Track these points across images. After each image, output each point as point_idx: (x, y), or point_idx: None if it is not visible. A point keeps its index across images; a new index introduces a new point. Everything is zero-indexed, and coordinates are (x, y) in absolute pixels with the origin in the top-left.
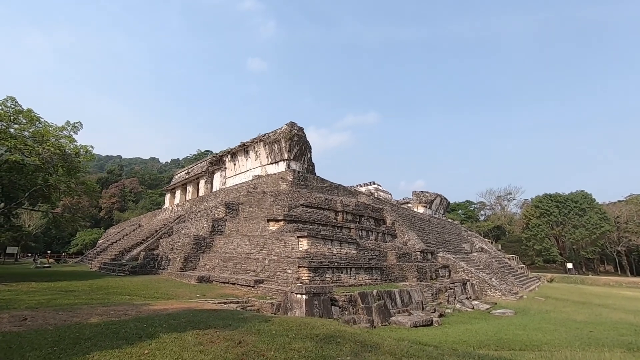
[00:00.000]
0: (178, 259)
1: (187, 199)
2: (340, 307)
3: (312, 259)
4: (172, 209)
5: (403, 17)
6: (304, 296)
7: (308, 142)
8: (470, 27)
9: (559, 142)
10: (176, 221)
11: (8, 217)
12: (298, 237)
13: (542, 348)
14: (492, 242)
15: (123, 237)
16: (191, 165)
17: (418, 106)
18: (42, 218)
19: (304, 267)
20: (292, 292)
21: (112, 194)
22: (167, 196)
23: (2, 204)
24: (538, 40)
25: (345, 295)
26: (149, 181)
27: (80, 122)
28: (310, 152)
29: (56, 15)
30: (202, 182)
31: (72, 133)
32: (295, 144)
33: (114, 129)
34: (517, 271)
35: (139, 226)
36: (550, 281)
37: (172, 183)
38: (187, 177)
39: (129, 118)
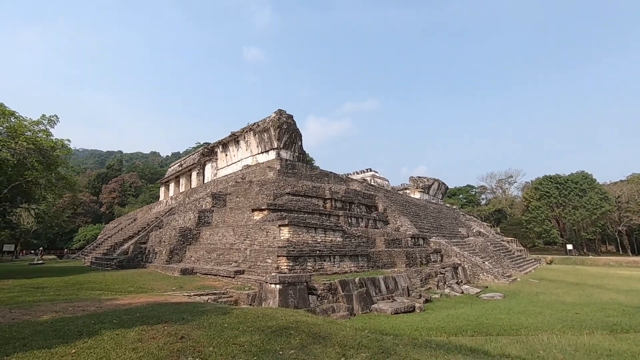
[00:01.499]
0: (164, 252)
1: (181, 191)
2: (318, 296)
3: (292, 247)
4: (166, 201)
5: None
6: (277, 286)
7: (298, 129)
8: (470, 6)
9: (560, 124)
10: (167, 214)
11: (3, 215)
12: (279, 225)
13: (520, 332)
14: (491, 226)
15: (118, 231)
16: (184, 158)
17: (418, 91)
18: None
19: (283, 256)
20: (267, 282)
21: (112, 189)
22: (162, 189)
23: None
24: (539, 15)
25: (324, 283)
26: (149, 175)
27: (57, 116)
28: (301, 140)
29: (50, 11)
30: (194, 174)
31: (48, 127)
32: (284, 132)
33: (114, 124)
34: (514, 254)
35: (134, 220)
36: (549, 263)
37: (166, 176)
38: (180, 169)
39: (129, 113)
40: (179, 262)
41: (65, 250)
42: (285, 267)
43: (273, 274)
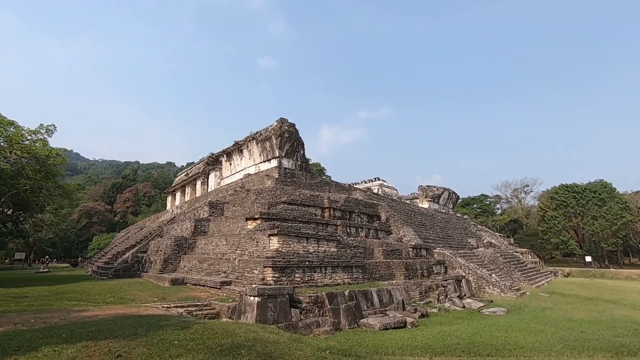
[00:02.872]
0: (158, 261)
1: (186, 200)
2: (303, 310)
3: (279, 258)
4: (172, 210)
5: (415, 5)
6: (256, 298)
7: (300, 138)
8: (485, 11)
9: (578, 130)
10: (169, 222)
11: (16, 223)
12: (269, 235)
13: (513, 353)
14: (505, 237)
15: (124, 240)
16: (190, 167)
17: (432, 99)
18: (56, 224)
19: (269, 266)
20: (246, 295)
21: (126, 198)
22: (169, 198)
23: (11, 210)
24: (555, 21)
25: (310, 296)
26: (162, 185)
27: (54, 125)
28: (303, 148)
29: (73, 26)
30: (198, 183)
31: (46, 136)
32: (286, 140)
33: (133, 136)
34: (527, 266)
35: (141, 229)
36: (566, 275)
37: (173, 185)
38: (185, 178)
39: (147, 125)
40: (172, 272)
41: (80, 258)
42: (271, 278)
43: (253, 285)
